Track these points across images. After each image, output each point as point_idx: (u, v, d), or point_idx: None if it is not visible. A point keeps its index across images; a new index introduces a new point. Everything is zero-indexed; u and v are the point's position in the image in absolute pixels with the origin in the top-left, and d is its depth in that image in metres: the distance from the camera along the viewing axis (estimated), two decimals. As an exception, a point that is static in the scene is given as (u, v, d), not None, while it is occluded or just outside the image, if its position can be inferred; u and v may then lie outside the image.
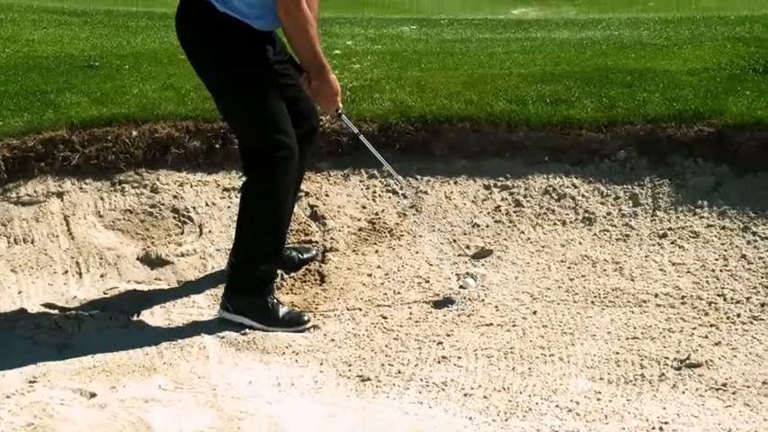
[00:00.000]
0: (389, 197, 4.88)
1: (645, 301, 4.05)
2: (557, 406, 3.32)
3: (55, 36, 7.63)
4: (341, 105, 4.04)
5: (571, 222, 4.67)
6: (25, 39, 7.44)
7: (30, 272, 4.49)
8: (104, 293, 4.34)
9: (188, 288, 4.37)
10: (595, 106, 5.12)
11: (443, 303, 4.13)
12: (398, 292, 4.26)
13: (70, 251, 4.60)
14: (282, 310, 3.97)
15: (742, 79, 5.42)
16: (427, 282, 4.33)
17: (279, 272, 4.26)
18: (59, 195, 4.84)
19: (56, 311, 4.14)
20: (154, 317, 4.12)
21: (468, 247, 4.48)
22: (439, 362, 3.64)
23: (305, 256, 4.47)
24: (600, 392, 3.39)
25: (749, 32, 6.84)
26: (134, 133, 5.00)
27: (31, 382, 3.56)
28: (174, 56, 6.05)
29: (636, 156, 4.84)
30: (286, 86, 3.96)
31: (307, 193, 4.87)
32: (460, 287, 4.26)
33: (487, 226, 4.70)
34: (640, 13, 9.46)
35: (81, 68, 6.23)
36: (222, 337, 3.88)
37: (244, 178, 4.08)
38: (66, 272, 4.50)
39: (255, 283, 3.96)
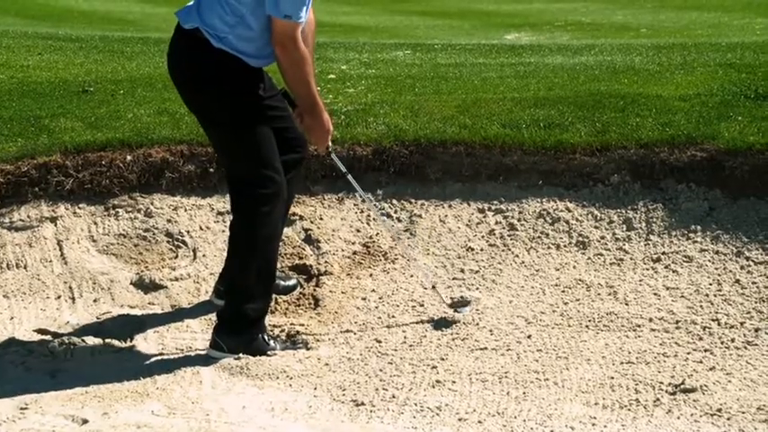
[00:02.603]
0: (384, 221, 4.88)
1: (639, 326, 4.05)
2: (552, 431, 3.30)
3: (49, 62, 7.66)
4: (331, 144, 4.05)
5: (565, 246, 4.67)
6: (20, 64, 7.46)
7: (22, 297, 4.48)
8: (97, 318, 4.32)
9: (182, 313, 4.36)
10: (589, 131, 5.15)
11: (438, 326, 4.12)
12: (393, 316, 4.25)
13: (63, 276, 4.59)
14: (276, 346, 3.95)
15: (734, 105, 5.46)
16: (422, 305, 4.32)
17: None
18: (53, 220, 4.83)
19: (48, 337, 4.11)
20: (147, 342, 4.10)
21: (448, 297, 4.33)
22: (433, 386, 3.63)
23: (287, 283, 4.45)
24: (595, 417, 3.38)
25: (740, 59, 6.90)
26: (128, 158, 5.01)
27: (22, 408, 3.53)
28: (169, 81, 6.06)
29: (629, 180, 4.86)
30: (277, 118, 3.95)
31: (301, 217, 4.87)
32: (455, 311, 4.25)
33: (482, 249, 4.70)
34: (633, 39, 9.53)
35: (75, 94, 6.25)
36: (216, 362, 3.86)
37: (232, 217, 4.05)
38: (59, 297, 4.49)
39: (247, 322, 3.92)
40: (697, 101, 5.57)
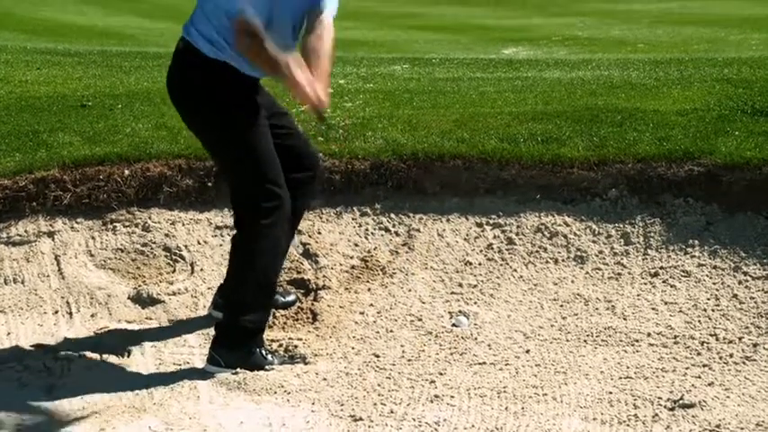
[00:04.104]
0: (382, 235, 4.88)
1: (637, 341, 4.04)
2: (550, 446, 3.30)
3: (48, 76, 7.67)
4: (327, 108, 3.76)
5: (563, 260, 4.67)
6: (18, 79, 7.46)
7: (19, 312, 4.46)
8: (95, 333, 4.30)
9: (179, 327, 4.34)
10: (586, 145, 5.16)
11: (437, 340, 4.11)
12: (391, 330, 4.24)
13: (60, 291, 4.58)
14: (274, 361, 3.94)
15: (731, 120, 5.48)
16: (420, 320, 4.32)
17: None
18: (50, 235, 4.82)
19: (45, 352, 4.10)
20: (144, 357, 4.08)
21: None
22: (431, 401, 3.62)
23: (287, 299, 4.45)
24: (593, 433, 3.37)
25: (737, 74, 6.92)
26: (126, 172, 5.01)
27: (18, 425, 3.52)
28: (167, 95, 6.09)
29: (627, 194, 4.87)
30: (281, 135, 3.94)
31: (299, 231, 4.86)
32: (453, 325, 4.25)
33: (480, 264, 4.70)
34: (630, 53, 9.56)
35: (74, 108, 6.25)
36: (213, 377, 3.85)
37: (234, 231, 4.04)
38: (57, 312, 4.48)
39: (245, 335, 3.90)
40: (694, 116, 5.58)
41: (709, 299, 4.30)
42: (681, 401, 3.52)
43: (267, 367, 3.89)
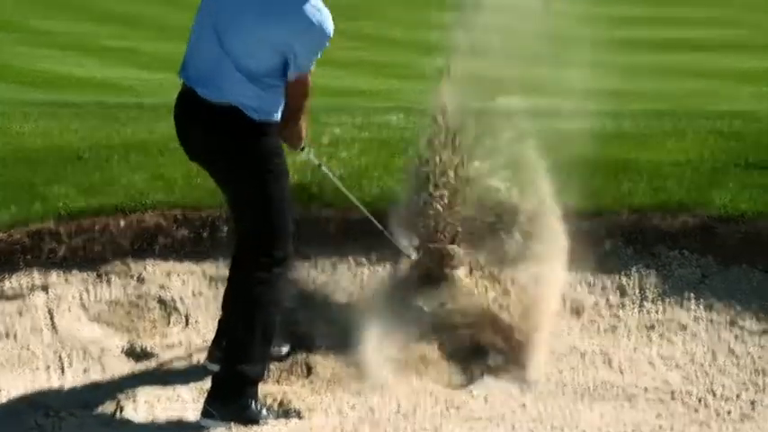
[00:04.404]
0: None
1: (634, 396, 4.02)
2: (548, 505, 3.25)
3: (45, 128, 7.66)
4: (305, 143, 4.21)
5: (559, 312, 4.66)
6: (15, 131, 7.45)
7: (11, 368, 4.41)
8: (87, 389, 4.25)
9: (173, 381, 4.30)
10: (581, 195, 5.16)
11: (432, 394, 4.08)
12: (386, 385, 4.20)
13: (53, 346, 4.54)
14: (269, 415, 3.90)
15: (725, 172, 5.51)
16: (416, 373, 4.27)
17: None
18: (44, 288, 4.79)
19: (36, 410, 4.05)
20: (137, 413, 4.03)
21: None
22: (427, 458, 3.58)
23: (281, 350, 4.41)
24: (591, 491, 3.33)
25: (729, 127, 6.97)
26: (121, 223, 5.00)
27: (9, 483, 3.47)
28: (164, 146, 6.09)
29: (622, 245, 4.87)
30: None
31: (294, 282, 4.84)
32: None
33: (475, 315, 4.67)
34: (624, 105, 9.62)
35: (70, 160, 6.23)
36: (207, 432, 3.81)
37: (236, 279, 4.06)
38: (49, 367, 4.43)
39: (243, 385, 3.88)
40: (688, 167, 5.61)
41: (705, 353, 4.29)
42: (679, 459, 3.48)
43: (261, 422, 3.85)
